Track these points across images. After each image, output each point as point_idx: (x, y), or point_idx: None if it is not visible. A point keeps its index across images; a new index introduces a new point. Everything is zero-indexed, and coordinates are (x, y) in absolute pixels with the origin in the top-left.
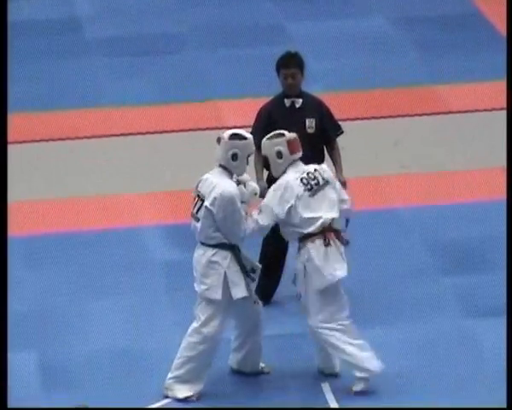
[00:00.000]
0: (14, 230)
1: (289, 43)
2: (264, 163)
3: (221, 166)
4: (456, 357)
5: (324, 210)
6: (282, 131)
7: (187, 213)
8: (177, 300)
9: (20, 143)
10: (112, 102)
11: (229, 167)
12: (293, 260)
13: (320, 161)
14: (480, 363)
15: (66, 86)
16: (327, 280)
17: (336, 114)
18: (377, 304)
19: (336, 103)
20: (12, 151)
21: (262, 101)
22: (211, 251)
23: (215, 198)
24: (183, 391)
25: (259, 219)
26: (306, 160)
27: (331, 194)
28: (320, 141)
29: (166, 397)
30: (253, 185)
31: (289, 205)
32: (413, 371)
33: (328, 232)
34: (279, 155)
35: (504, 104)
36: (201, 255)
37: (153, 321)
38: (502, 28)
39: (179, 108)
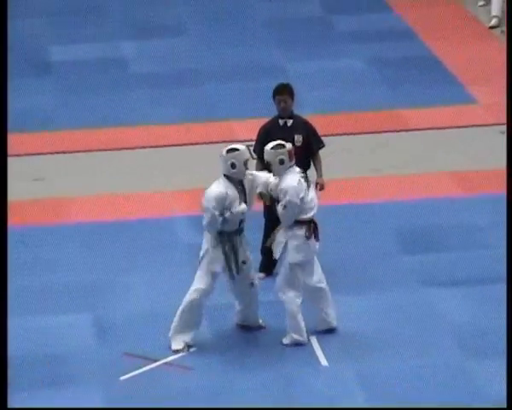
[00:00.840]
0: (75, 218)
1: (287, 78)
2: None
3: (225, 175)
4: (415, 320)
5: (315, 203)
6: (282, 143)
7: None
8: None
9: (80, 151)
10: (148, 121)
11: (231, 175)
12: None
13: (306, 167)
14: (436, 325)
15: (113, 109)
16: (298, 259)
17: (323, 131)
18: (350, 278)
19: (322, 123)
20: (71, 159)
21: (264, 120)
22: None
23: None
24: (175, 343)
25: (284, 211)
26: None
27: (313, 191)
28: (306, 152)
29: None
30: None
31: (302, 195)
32: (380, 331)
33: (311, 224)
34: (281, 162)
35: (450, 124)
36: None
37: (179, 290)
38: (450, 65)
39: (201, 126)
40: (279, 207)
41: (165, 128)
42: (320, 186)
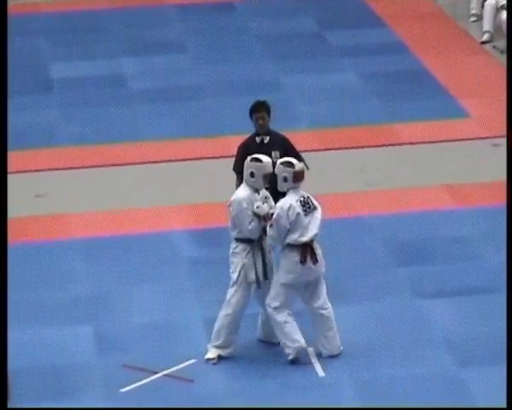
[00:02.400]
0: (76, 233)
1: (282, 92)
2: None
3: (245, 181)
4: (408, 330)
5: (311, 228)
6: (292, 161)
7: (206, 221)
8: (200, 286)
9: (80, 168)
10: (148, 137)
11: (249, 183)
12: None
13: None
14: (428, 334)
15: (113, 125)
16: (288, 280)
17: (315, 145)
18: (343, 290)
19: (316, 137)
20: (71, 175)
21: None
22: (234, 243)
23: (231, 201)
24: (208, 354)
25: (270, 230)
26: (273, 181)
27: (317, 216)
28: None
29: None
30: (260, 206)
31: (291, 220)
32: (374, 341)
33: (306, 247)
34: (284, 179)
35: (442, 137)
36: (231, 247)
37: (181, 302)
38: (442, 80)
39: (198, 141)
40: (268, 226)
41: (163, 144)
42: None
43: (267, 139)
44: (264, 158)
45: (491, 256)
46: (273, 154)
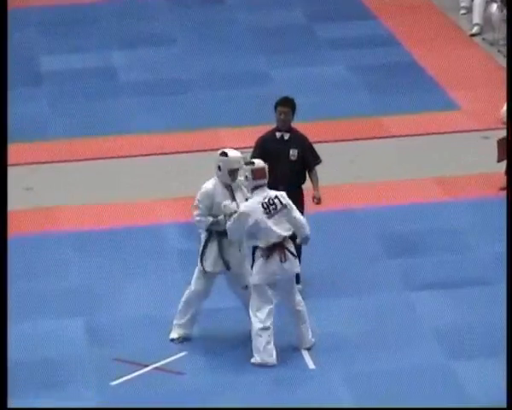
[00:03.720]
0: (66, 226)
1: (272, 85)
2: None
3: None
4: (398, 322)
5: (278, 230)
6: (253, 160)
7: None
8: (189, 279)
9: (70, 161)
10: (138, 130)
11: (217, 175)
12: None
13: (301, 181)
14: (418, 327)
15: (103, 118)
16: (257, 280)
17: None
18: (334, 282)
19: (306, 130)
20: (61, 168)
21: (251, 128)
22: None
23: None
24: (172, 333)
25: (228, 224)
26: (288, 179)
27: (287, 216)
28: (301, 166)
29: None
30: (226, 204)
31: (250, 224)
32: (364, 334)
33: (278, 248)
34: (246, 177)
35: (432, 130)
36: None
37: (171, 295)
38: (431, 72)
39: (188, 134)
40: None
41: (153, 137)
42: (317, 200)
43: (287, 136)
44: (232, 153)
45: (482, 248)
46: (291, 151)
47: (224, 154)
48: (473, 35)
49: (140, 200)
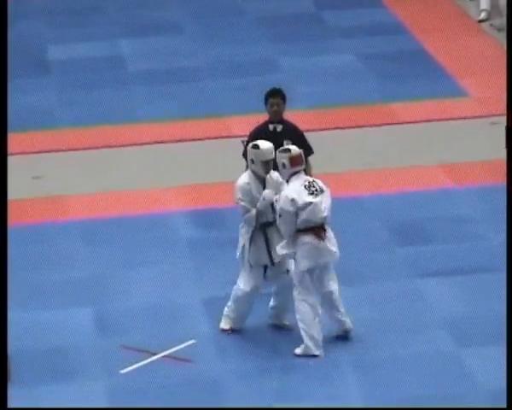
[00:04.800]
0: (74, 215)
1: (280, 73)
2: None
3: (249, 167)
4: (407, 310)
5: (321, 210)
6: (288, 147)
7: (204, 201)
8: (198, 267)
9: (78, 150)
10: (146, 119)
11: (252, 168)
12: None
13: None
14: (428, 314)
15: (111, 107)
16: (306, 265)
17: (313, 125)
18: (343, 270)
19: (315, 117)
20: (70, 157)
21: (259, 116)
22: (241, 223)
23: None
24: (223, 324)
25: (278, 220)
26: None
27: (326, 199)
28: None
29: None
30: (266, 192)
31: (298, 205)
32: (373, 321)
33: (319, 229)
34: (283, 165)
35: (441, 117)
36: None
37: (180, 284)
38: (440, 59)
39: (197, 122)
40: (276, 217)
41: (162, 125)
42: None
43: (280, 128)
44: (263, 144)
45: (491, 236)
46: (285, 143)
47: (256, 146)
48: (481, 21)
49: (148, 188)
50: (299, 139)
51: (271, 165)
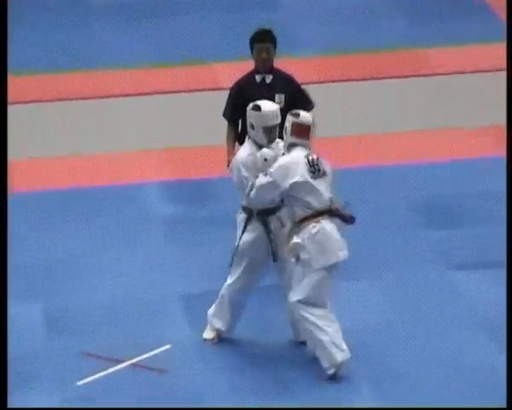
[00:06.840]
0: (20, 186)
1: (280, 10)
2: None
3: (248, 134)
4: (434, 302)
5: (326, 193)
6: (298, 112)
7: (183, 169)
8: (175, 250)
9: (27, 102)
10: (111, 64)
11: (251, 136)
12: None
13: None
14: (457, 308)
15: (70, 50)
16: (324, 261)
17: (322, 77)
18: (360, 257)
19: (323, 66)
20: (18, 110)
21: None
22: (239, 210)
23: (231, 165)
24: (206, 333)
25: (262, 178)
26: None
27: (325, 184)
28: None
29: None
30: (265, 151)
31: (294, 180)
32: (396, 317)
33: (331, 215)
34: (285, 130)
35: (485, 66)
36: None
37: (154, 274)
38: None
39: (176, 69)
40: (260, 174)
41: (131, 72)
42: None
43: (269, 79)
44: (267, 105)
45: None
46: (277, 97)
47: (257, 107)
48: None
49: (114, 152)
50: (296, 91)
51: (276, 133)
